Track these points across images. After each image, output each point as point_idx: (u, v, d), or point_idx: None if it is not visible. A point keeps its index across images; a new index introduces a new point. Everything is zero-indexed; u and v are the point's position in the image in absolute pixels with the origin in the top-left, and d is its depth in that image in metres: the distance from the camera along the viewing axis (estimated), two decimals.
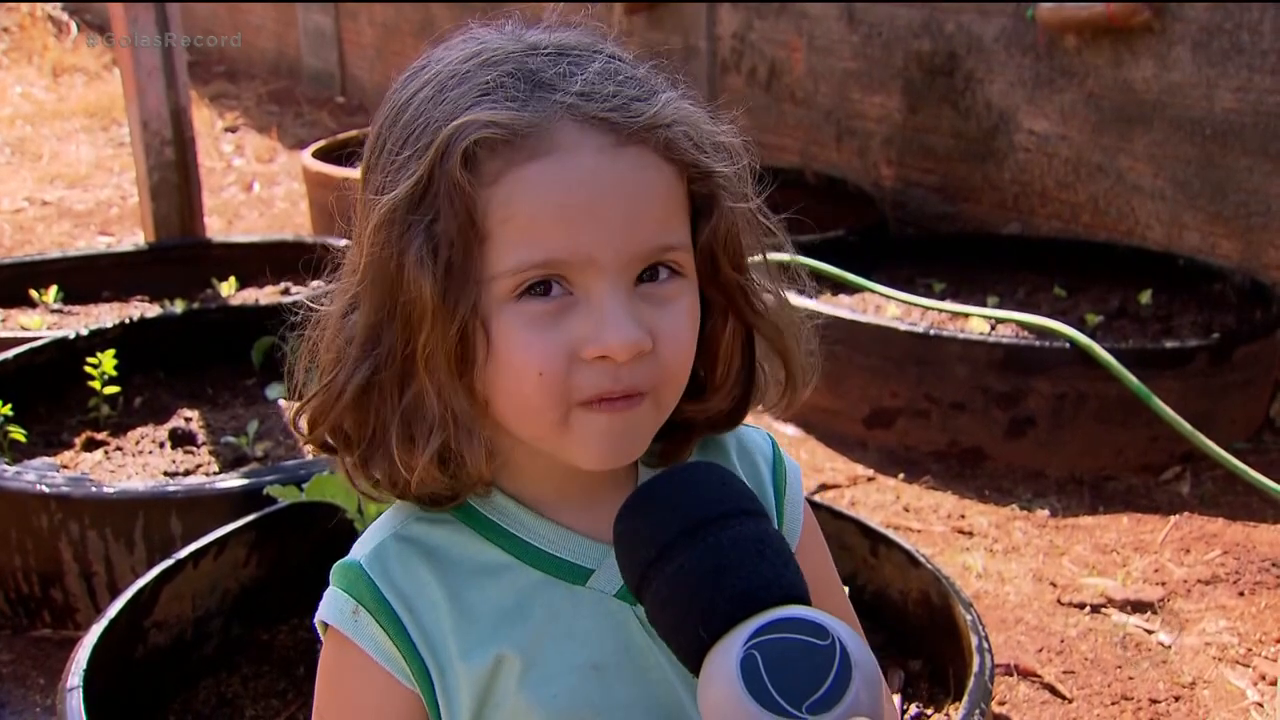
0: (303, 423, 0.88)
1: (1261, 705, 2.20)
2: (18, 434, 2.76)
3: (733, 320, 0.88)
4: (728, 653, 0.70)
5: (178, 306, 3.73)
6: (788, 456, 1.01)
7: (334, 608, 0.88)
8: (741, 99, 5.25)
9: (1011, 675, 2.25)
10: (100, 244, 5.24)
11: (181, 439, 2.91)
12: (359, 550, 0.90)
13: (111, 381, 2.98)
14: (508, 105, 0.78)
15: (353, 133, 5.89)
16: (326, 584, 2.42)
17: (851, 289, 3.64)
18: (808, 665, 0.68)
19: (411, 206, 0.80)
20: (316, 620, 0.90)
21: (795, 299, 0.94)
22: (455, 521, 0.89)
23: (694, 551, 0.74)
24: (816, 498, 2.75)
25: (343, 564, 0.89)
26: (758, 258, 0.90)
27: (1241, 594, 2.55)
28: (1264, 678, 2.27)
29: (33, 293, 3.91)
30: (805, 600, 0.75)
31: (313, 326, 0.89)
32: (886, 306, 3.61)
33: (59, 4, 10.73)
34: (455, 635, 0.85)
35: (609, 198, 0.78)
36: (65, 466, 2.77)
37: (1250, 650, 2.36)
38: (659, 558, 0.75)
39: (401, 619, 0.85)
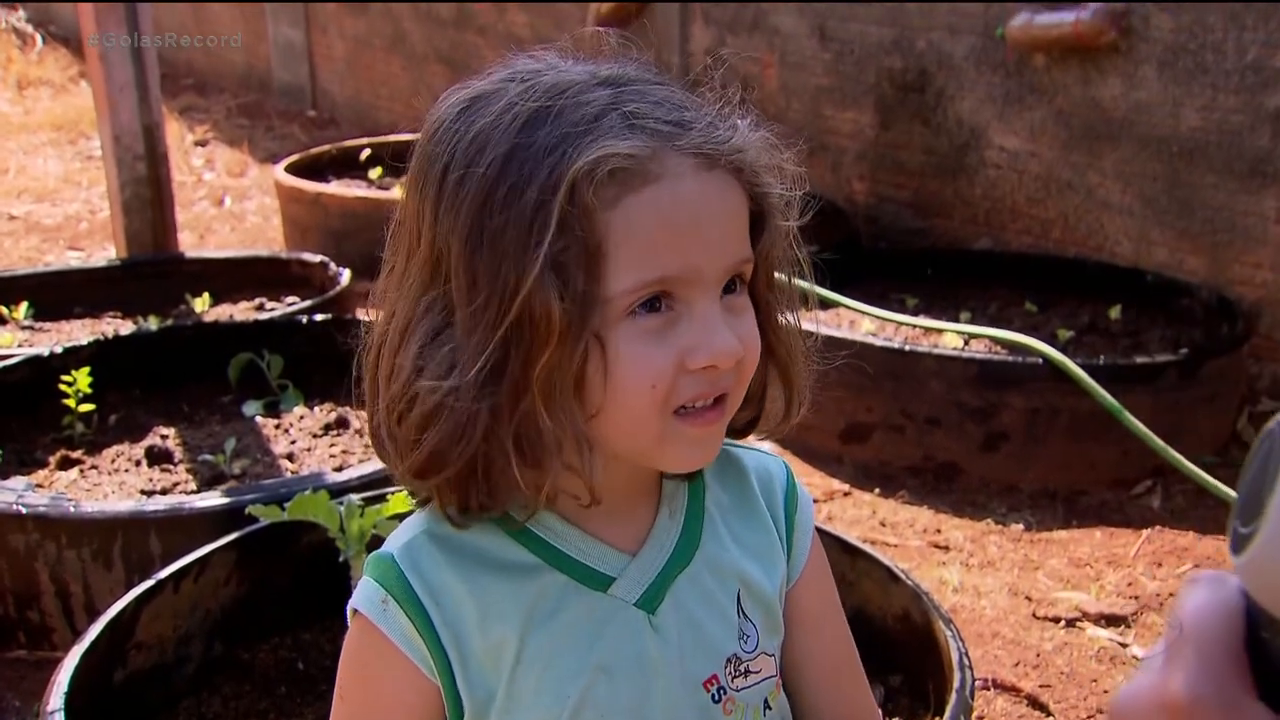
0: (407, 467, 0.88)
1: None
2: None
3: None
4: None
5: (152, 323, 3.71)
6: (802, 488, 1.05)
7: (365, 597, 0.92)
8: None
9: (989, 689, 2.28)
10: (71, 259, 5.21)
11: (158, 457, 2.89)
12: (393, 543, 0.93)
13: (86, 399, 2.96)
14: (625, 137, 0.83)
15: (325, 147, 5.87)
16: (307, 603, 2.39)
17: (825, 304, 3.67)
18: None
19: (536, 233, 0.81)
20: (349, 607, 0.94)
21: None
22: (487, 522, 0.92)
23: None
24: None
25: (377, 555, 0.93)
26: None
27: None
28: None
29: (3, 309, 3.88)
30: None
31: (372, 350, 0.91)
32: (861, 322, 3.64)
33: (23, 16, 10.64)
34: (479, 629, 0.90)
35: (707, 217, 0.85)
36: (40, 485, 2.74)
37: None
38: None
39: (428, 611, 0.89)
